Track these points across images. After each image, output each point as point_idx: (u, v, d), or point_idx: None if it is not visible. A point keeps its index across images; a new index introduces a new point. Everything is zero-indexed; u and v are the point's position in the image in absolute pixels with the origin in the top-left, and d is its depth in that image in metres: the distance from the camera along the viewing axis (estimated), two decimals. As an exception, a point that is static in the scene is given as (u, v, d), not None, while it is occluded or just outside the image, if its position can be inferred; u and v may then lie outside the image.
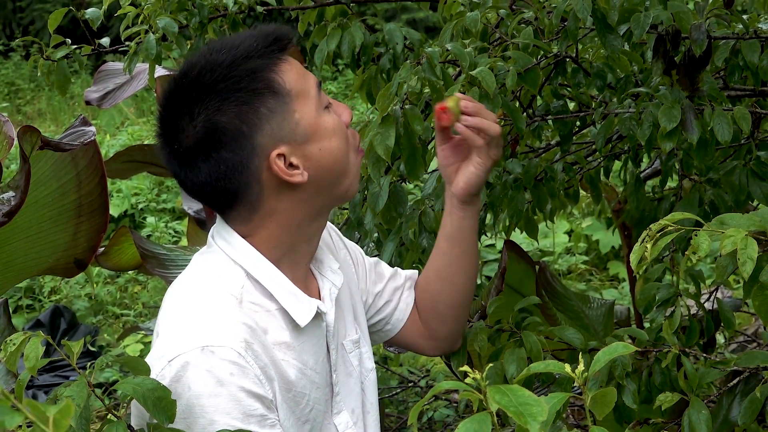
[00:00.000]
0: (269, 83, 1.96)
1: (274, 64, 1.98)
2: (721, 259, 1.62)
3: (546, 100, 2.79)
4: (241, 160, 1.95)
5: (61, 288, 7.09)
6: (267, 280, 2.02)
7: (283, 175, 1.97)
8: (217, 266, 2.05)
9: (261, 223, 2.04)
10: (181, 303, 2.02)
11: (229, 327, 1.92)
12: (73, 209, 3.29)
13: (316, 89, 2.03)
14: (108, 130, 10.70)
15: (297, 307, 2.03)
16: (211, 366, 1.86)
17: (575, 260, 7.03)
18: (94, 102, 4.62)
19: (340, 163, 2.05)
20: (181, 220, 8.20)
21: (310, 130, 1.99)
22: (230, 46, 1.99)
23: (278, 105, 1.96)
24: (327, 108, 2.04)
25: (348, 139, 2.07)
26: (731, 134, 2.29)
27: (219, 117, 1.93)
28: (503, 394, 1.07)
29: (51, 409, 0.82)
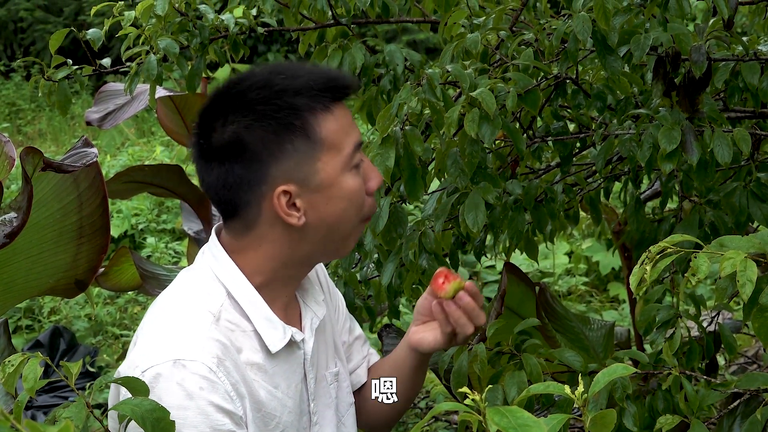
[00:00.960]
0: (304, 125, 1.97)
1: (318, 110, 1.99)
2: (720, 282, 1.62)
3: (546, 121, 2.79)
4: (249, 180, 1.98)
5: (60, 308, 7.08)
6: (245, 302, 2.05)
7: (280, 211, 1.99)
8: (200, 282, 2.08)
9: (251, 244, 2.06)
10: (160, 315, 2.05)
11: (202, 342, 1.95)
12: (75, 230, 3.29)
13: (352, 148, 2.03)
14: (108, 150, 10.71)
15: (271, 332, 2.06)
16: (181, 379, 1.90)
17: (575, 281, 7.02)
18: (94, 122, 4.63)
19: (342, 225, 2.06)
20: (181, 240, 8.20)
21: (326, 183, 2.00)
22: (290, 74, 2.01)
23: (305, 148, 1.98)
24: (356, 167, 2.04)
25: (360, 207, 2.07)
26: (731, 156, 2.29)
27: (246, 134, 1.97)
28: (502, 415, 1.07)
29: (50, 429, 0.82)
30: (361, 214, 2.08)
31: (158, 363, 1.92)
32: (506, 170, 2.88)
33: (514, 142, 2.48)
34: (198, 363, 1.92)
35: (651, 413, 2.12)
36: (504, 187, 2.68)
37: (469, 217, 2.41)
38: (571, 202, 2.99)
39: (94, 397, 1.42)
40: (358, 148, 2.04)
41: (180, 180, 4.69)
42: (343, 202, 2.02)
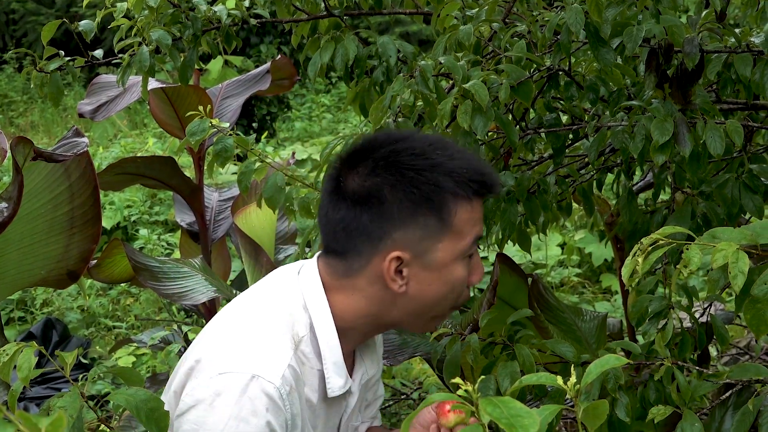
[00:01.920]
0: (442, 207, 2.00)
1: (460, 197, 2.00)
2: (712, 273, 1.62)
3: (539, 113, 2.79)
4: (371, 233, 2.01)
5: (53, 300, 7.07)
6: (324, 342, 2.08)
7: (386, 273, 2.02)
8: (290, 305, 2.10)
9: (345, 289, 2.09)
10: (245, 322, 2.08)
11: (283, 367, 1.99)
12: (66, 221, 3.29)
13: (472, 239, 2.04)
14: (101, 142, 10.70)
15: (335, 378, 2.09)
16: (254, 395, 1.93)
17: (568, 273, 7.02)
18: (87, 114, 4.63)
19: (436, 306, 2.08)
20: (174, 232, 8.20)
21: (439, 264, 2.03)
22: (447, 153, 2.02)
23: (433, 227, 2.00)
24: (468, 257, 2.06)
25: (458, 296, 2.09)
26: (723, 147, 2.30)
27: (388, 191, 1.99)
28: (495, 405, 1.07)
29: (43, 420, 0.82)
30: (455, 302, 2.10)
31: (237, 372, 1.95)
32: (499, 162, 2.88)
33: (506, 133, 2.48)
34: (274, 386, 1.95)
35: (643, 404, 2.12)
36: (497, 179, 2.68)
37: (462, 208, 2.40)
38: (563, 193, 2.99)
39: (88, 388, 1.42)
40: (476, 241, 2.06)
41: (172, 171, 4.69)
42: (446, 286, 2.05)
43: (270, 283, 2.17)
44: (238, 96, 5.08)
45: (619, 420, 2.08)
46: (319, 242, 2.73)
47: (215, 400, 1.93)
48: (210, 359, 2.00)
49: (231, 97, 5.10)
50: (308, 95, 13.97)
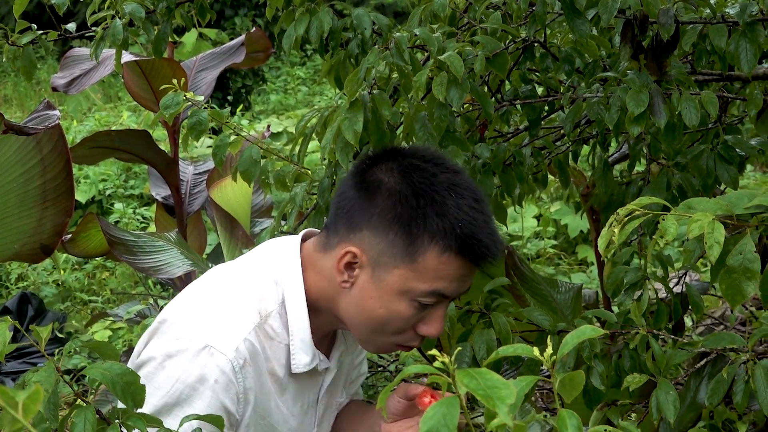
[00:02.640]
0: (415, 241, 1.95)
1: (437, 244, 1.95)
2: (688, 243, 1.63)
3: (514, 84, 2.79)
4: (351, 219, 2.01)
5: (28, 275, 7.05)
6: (294, 319, 2.07)
7: (337, 263, 2.01)
8: (262, 279, 2.09)
9: (320, 263, 2.08)
10: (215, 291, 2.09)
11: (238, 341, 1.99)
12: (38, 194, 3.28)
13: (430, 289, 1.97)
14: (75, 116, 10.63)
15: (301, 355, 2.09)
16: (204, 364, 1.94)
17: (544, 244, 7.05)
18: (60, 88, 4.60)
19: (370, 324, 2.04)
20: (150, 206, 8.17)
21: (385, 284, 1.99)
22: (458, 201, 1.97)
23: (398, 250, 1.97)
24: (421, 305, 1.99)
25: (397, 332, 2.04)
26: (698, 118, 2.30)
27: (383, 193, 1.98)
28: (471, 377, 1.07)
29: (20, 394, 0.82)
30: (395, 339, 2.06)
31: (192, 338, 1.97)
32: (474, 134, 2.87)
33: (482, 105, 2.48)
34: (225, 359, 1.96)
35: (618, 372, 2.13)
36: (472, 151, 2.68)
37: (437, 180, 2.40)
38: (539, 165, 2.99)
39: (64, 363, 1.41)
40: (438, 296, 1.99)
41: (147, 145, 4.67)
42: (382, 311, 2.00)
43: (252, 256, 2.17)
44: (213, 69, 5.06)
45: (594, 388, 2.09)
46: (294, 215, 2.73)
47: (166, 361, 1.95)
48: (172, 323, 2.02)
49: (205, 70, 5.08)
50: (283, 68, 13.93)
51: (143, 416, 1.40)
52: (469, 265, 1.98)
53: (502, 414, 1.03)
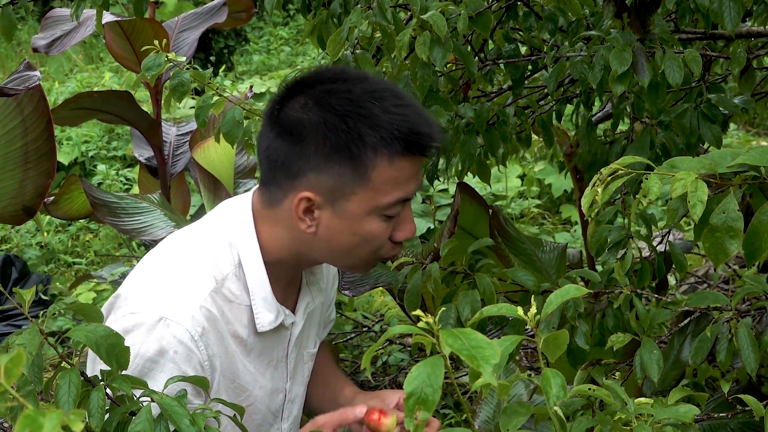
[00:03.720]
0: (360, 160, 1.92)
1: (382, 154, 1.92)
2: (671, 202, 1.63)
3: (498, 44, 2.78)
4: (288, 168, 1.97)
5: (11, 237, 7.03)
6: (252, 278, 2.05)
7: (295, 213, 1.98)
8: (216, 243, 2.07)
9: (271, 219, 2.05)
10: (168, 263, 2.06)
11: (193, 309, 1.97)
12: (20, 156, 3.26)
13: (394, 200, 1.96)
14: (56, 77, 10.57)
15: (265, 314, 2.07)
16: (161, 336, 1.92)
17: (528, 204, 7.05)
18: (41, 49, 4.57)
19: (348, 256, 2.03)
20: (132, 167, 8.15)
21: (350, 216, 1.97)
22: (383, 105, 1.94)
23: (348, 177, 1.93)
24: (388, 217, 1.98)
25: (376, 249, 2.03)
26: (682, 77, 2.30)
27: (310, 129, 1.93)
28: (456, 337, 1.07)
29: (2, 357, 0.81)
30: (376, 254, 2.05)
31: (146, 312, 1.94)
32: (458, 93, 2.87)
33: (465, 65, 2.47)
34: (182, 328, 1.93)
35: (602, 331, 2.14)
36: (456, 111, 2.68)
37: (421, 140, 2.40)
38: (523, 124, 2.99)
39: (48, 325, 1.41)
40: (402, 203, 1.99)
41: (130, 106, 4.64)
42: (356, 239, 1.99)
43: (205, 221, 2.15)
44: (195, 29, 5.03)
45: (579, 348, 2.10)
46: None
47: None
48: (126, 297, 1.99)
49: (187, 30, 5.05)
50: (266, 28, 13.86)
51: (128, 378, 1.40)
52: (418, 159, 1.97)
53: (486, 374, 1.04)
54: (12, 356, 0.82)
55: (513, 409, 1.26)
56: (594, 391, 1.25)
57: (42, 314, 1.47)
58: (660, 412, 1.33)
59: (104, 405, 1.36)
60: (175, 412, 1.36)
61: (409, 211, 2.03)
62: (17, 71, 3.34)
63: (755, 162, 1.61)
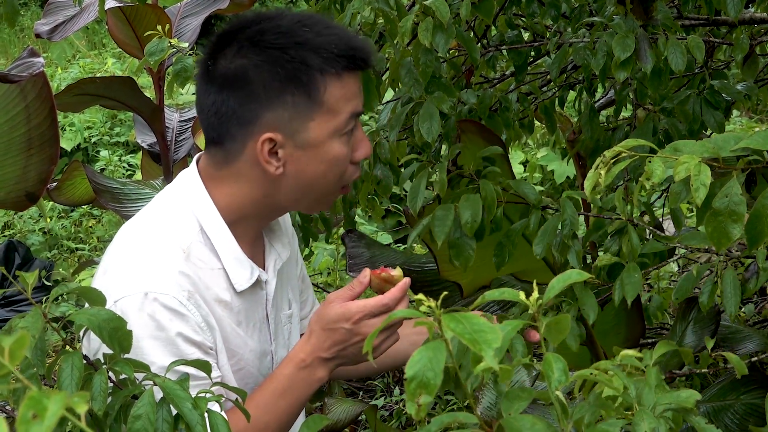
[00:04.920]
0: (310, 83, 1.96)
1: (329, 74, 1.96)
2: (674, 186, 1.62)
3: (500, 30, 2.78)
4: (240, 116, 1.98)
5: (14, 222, 7.04)
6: (217, 240, 2.06)
7: (260, 156, 1.98)
8: (174, 215, 2.07)
9: (228, 177, 2.06)
10: (132, 244, 2.05)
11: (174, 276, 1.97)
12: (23, 142, 3.26)
13: (347, 116, 2.00)
14: (59, 63, 10.57)
15: (239, 271, 2.07)
16: (152, 311, 1.92)
17: (530, 191, 7.04)
18: (44, 35, 4.57)
19: (318, 187, 2.05)
20: (135, 153, 8.15)
21: (313, 143, 1.99)
22: (315, 30, 1.98)
23: (303, 106, 1.96)
24: (347, 135, 2.02)
25: (341, 174, 2.05)
26: (685, 63, 2.30)
27: (253, 71, 1.96)
28: (458, 321, 1.07)
29: (6, 339, 0.82)
30: (341, 180, 2.06)
31: (129, 294, 1.93)
32: (461, 80, 2.87)
33: (468, 51, 2.47)
34: (169, 296, 1.94)
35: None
36: (458, 97, 2.68)
37: (423, 126, 2.40)
38: (525, 111, 2.99)
39: (51, 310, 1.41)
40: (355, 117, 2.02)
41: (132, 92, 4.64)
42: (323, 165, 2.01)
43: (162, 196, 2.15)
44: (198, 15, 5.03)
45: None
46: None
47: None
48: (105, 289, 1.98)
49: (190, 16, 5.04)
50: (269, 14, 13.82)
51: (130, 362, 1.41)
52: (355, 73, 2.02)
53: (488, 358, 1.04)
54: (16, 338, 0.82)
55: (515, 393, 1.26)
56: (595, 376, 1.25)
57: (45, 299, 1.48)
58: (661, 398, 1.33)
59: (107, 388, 1.36)
60: (177, 395, 1.37)
61: (361, 130, 2.07)
62: (21, 57, 3.34)
63: (758, 146, 1.61)
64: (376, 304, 1.95)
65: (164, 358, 1.91)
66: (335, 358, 2.00)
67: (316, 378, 2.01)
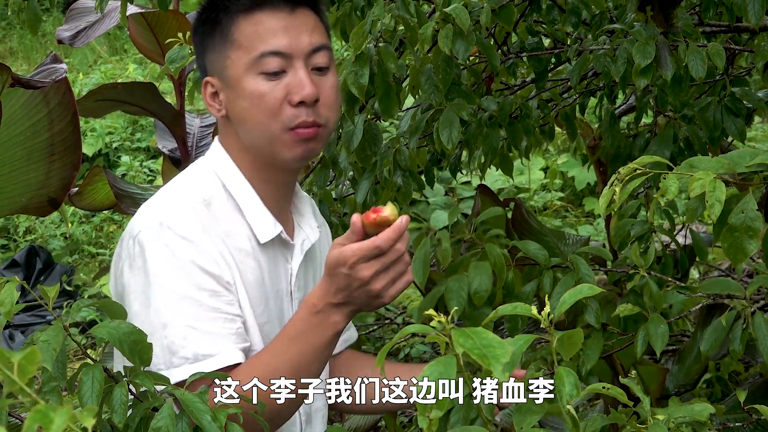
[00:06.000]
0: (221, 24, 2.05)
1: (241, 11, 2.03)
2: (690, 202, 1.62)
3: (521, 37, 2.77)
4: (199, 66, 2.16)
5: (36, 228, 7.06)
6: (238, 192, 2.09)
7: (205, 99, 2.10)
8: (197, 173, 2.14)
9: (220, 130, 2.15)
10: (156, 196, 2.11)
11: (188, 211, 2.01)
12: (45, 148, 3.27)
13: (260, 52, 2.01)
14: (81, 68, 10.61)
15: (260, 222, 2.09)
16: (167, 239, 1.96)
17: (551, 197, 7.04)
18: (66, 40, 4.58)
19: (254, 127, 2.05)
20: (156, 158, 8.17)
21: (233, 81, 2.04)
22: None
23: (218, 45, 2.06)
24: (269, 74, 2.01)
25: (273, 114, 2.02)
26: (705, 70, 2.29)
27: (195, 22, 2.13)
28: (467, 336, 1.08)
29: (16, 355, 0.82)
30: (278, 122, 2.03)
31: (146, 227, 1.98)
32: (481, 86, 2.87)
33: (488, 58, 2.47)
34: (182, 225, 1.97)
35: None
36: (478, 104, 2.68)
37: (443, 133, 2.40)
38: (546, 117, 2.99)
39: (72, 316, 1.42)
40: (275, 56, 2.02)
41: (154, 98, 4.65)
42: (246, 102, 2.03)
43: (185, 169, 2.21)
44: (219, 21, 5.03)
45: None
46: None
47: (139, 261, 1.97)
48: (128, 231, 2.04)
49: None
50: (289, 19, 13.85)
51: (150, 374, 1.41)
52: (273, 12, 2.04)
53: (497, 372, 1.04)
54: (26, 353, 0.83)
55: (527, 407, 1.26)
56: (608, 390, 1.25)
57: (66, 305, 1.48)
58: (675, 411, 1.33)
59: (127, 401, 1.37)
60: (196, 408, 1.37)
61: (302, 74, 2.03)
62: (44, 63, 3.35)
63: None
64: (369, 246, 1.84)
65: (180, 285, 1.93)
66: (346, 303, 1.90)
67: (330, 323, 1.91)
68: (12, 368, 0.82)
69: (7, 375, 0.81)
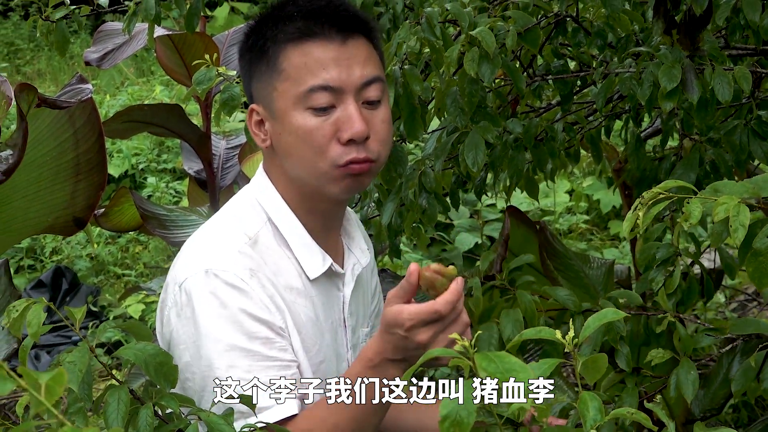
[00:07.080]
0: (270, 53, 1.99)
1: (290, 41, 1.97)
2: (714, 226, 1.62)
3: (546, 59, 2.77)
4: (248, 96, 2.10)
5: (62, 248, 7.09)
6: (285, 228, 2.05)
7: (250, 127, 2.06)
8: (242, 207, 2.10)
9: (266, 162, 2.11)
10: (199, 236, 2.08)
11: (234, 255, 1.97)
12: (71, 167, 3.29)
13: (309, 87, 1.95)
14: (108, 90, 10.66)
15: (309, 258, 2.06)
16: (214, 288, 1.92)
17: (576, 219, 7.02)
18: (93, 62, 4.61)
19: (300, 162, 2.00)
20: (182, 180, 8.20)
21: (279, 113, 1.99)
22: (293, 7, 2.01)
23: (265, 74, 2.00)
24: (316, 110, 1.95)
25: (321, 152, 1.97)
26: (732, 94, 2.28)
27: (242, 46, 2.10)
28: (490, 360, 1.08)
29: (43, 376, 0.82)
30: (327, 160, 1.97)
31: (192, 274, 1.95)
32: (506, 109, 2.87)
33: (513, 80, 2.47)
34: (229, 273, 1.94)
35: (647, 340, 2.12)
36: (504, 126, 2.67)
37: (469, 156, 2.40)
38: (571, 140, 2.98)
39: (98, 336, 1.43)
40: (324, 90, 1.95)
41: (180, 119, 4.68)
42: (292, 137, 1.98)
43: (235, 196, 2.17)
44: (245, 43, 5.05)
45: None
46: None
47: (187, 311, 1.94)
48: (173, 277, 2.01)
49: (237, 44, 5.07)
50: (315, 41, 13.88)
51: (176, 396, 1.41)
52: (324, 42, 1.97)
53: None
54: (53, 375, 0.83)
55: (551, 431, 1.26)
56: (633, 415, 1.24)
57: (92, 326, 1.49)
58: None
59: (152, 422, 1.37)
60: (222, 430, 1.37)
61: (353, 110, 1.96)
62: (70, 84, 3.37)
63: (799, 185, 1.60)
64: (428, 311, 1.78)
65: (231, 335, 1.90)
66: (402, 360, 1.86)
67: (387, 376, 1.82)
68: (39, 389, 0.82)
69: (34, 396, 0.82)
